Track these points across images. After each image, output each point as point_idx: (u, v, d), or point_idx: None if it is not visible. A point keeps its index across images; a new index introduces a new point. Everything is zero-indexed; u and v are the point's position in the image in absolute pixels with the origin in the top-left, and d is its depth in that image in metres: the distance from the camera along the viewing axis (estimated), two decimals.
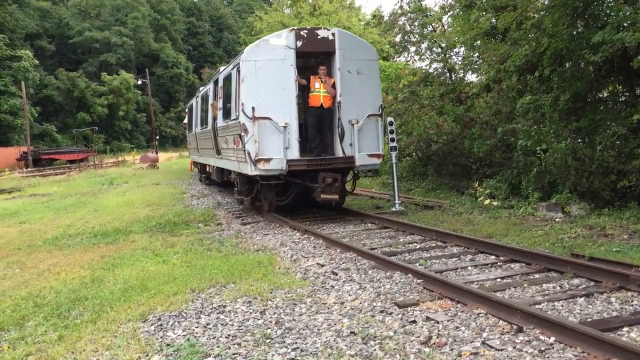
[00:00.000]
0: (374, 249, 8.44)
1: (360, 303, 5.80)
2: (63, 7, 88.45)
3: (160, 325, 5.41)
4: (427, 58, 20.45)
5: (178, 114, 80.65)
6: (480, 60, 16.79)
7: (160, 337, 5.12)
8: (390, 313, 5.43)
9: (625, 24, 9.15)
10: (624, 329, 4.70)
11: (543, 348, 4.38)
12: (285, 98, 10.73)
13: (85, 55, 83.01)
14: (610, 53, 9.53)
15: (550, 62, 11.34)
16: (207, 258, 8.29)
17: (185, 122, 26.01)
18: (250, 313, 5.65)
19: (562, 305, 5.41)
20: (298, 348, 4.68)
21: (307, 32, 11.05)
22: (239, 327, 5.27)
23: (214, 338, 5.02)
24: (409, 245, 8.77)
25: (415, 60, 21.47)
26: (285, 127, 10.66)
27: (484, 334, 4.74)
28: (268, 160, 10.58)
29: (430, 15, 19.66)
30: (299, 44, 10.87)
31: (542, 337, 4.57)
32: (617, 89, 11.89)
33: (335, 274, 7.02)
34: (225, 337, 5.03)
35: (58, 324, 5.65)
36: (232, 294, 6.28)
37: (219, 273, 7.23)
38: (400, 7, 19.95)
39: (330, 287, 6.50)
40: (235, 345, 4.82)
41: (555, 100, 11.39)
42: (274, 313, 5.61)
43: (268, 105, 10.63)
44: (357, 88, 11.20)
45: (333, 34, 11.10)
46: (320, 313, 5.55)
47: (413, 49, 20.76)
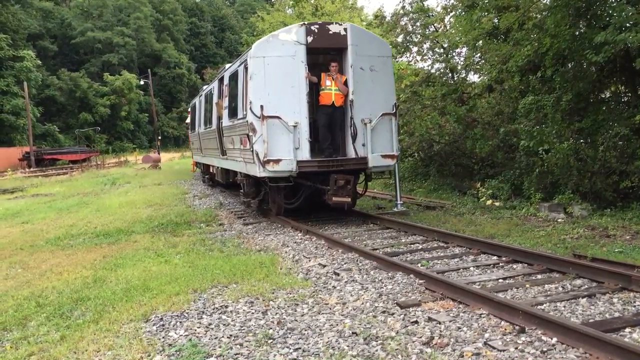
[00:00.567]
0: (376, 250, 8.44)
1: (362, 303, 5.80)
2: (65, 7, 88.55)
3: (163, 326, 5.42)
4: (429, 58, 20.45)
5: (180, 114, 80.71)
6: (483, 61, 16.79)
7: (162, 337, 5.13)
8: (392, 313, 5.43)
9: (628, 25, 9.14)
10: (626, 330, 4.70)
11: (545, 349, 4.37)
12: (295, 96, 10.32)
13: (88, 56, 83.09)
14: (613, 53, 9.52)
15: (553, 62, 11.32)
16: (209, 258, 8.29)
17: (188, 121, 25.80)
18: (252, 313, 5.65)
19: (564, 306, 5.41)
20: (300, 348, 4.68)
21: (318, 27, 10.59)
22: (241, 327, 5.28)
23: (216, 338, 5.02)
24: (411, 246, 8.77)
25: (418, 61, 21.44)
26: (295, 126, 10.24)
27: (486, 335, 4.74)
28: (277, 162, 10.16)
29: (433, 16, 19.64)
30: (310, 40, 10.45)
31: (544, 337, 4.57)
32: (619, 90, 11.87)
33: (337, 275, 7.02)
34: (227, 337, 5.03)
35: (60, 324, 5.66)
36: (234, 294, 6.29)
37: (221, 273, 7.24)
38: (403, 7, 19.93)
39: (332, 287, 6.50)
40: (237, 346, 4.82)
41: (558, 101, 11.38)
42: (276, 313, 5.62)
43: (277, 104, 10.23)
44: (370, 86, 10.76)
45: (345, 29, 10.64)
46: (322, 313, 5.55)
47: (415, 49, 20.72)
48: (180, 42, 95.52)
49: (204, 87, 19.52)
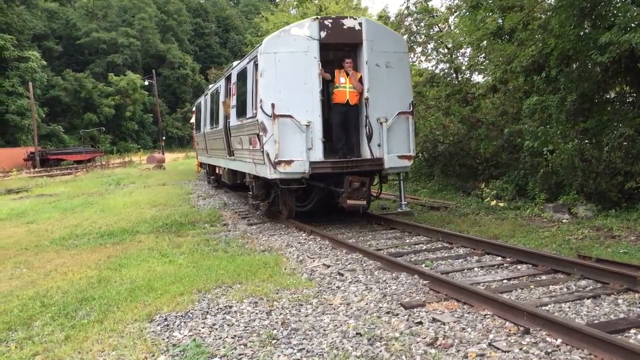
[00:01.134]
0: (380, 250, 8.43)
1: (366, 304, 5.80)
2: (70, 8, 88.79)
3: (167, 326, 5.43)
4: (433, 59, 20.46)
5: (184, 115, 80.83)
6: (487, 61, 16.75)
7: (167, 337, 5.14)
8: (397, 314, 5.43)
9: (633, 25, 9.11)
10: (632, 331, 4.69)
11: (550, 350, 4.36)
12: (308, 94, 9.90)
13: (93, 56, 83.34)
14: (618, 54, 9.49)
15: (557, 62, 11.29)
16: (213, 258, 8.30)
17: (192, 121, 25.68)
18: (256, 314, 5.66)
19: (569, 307, 5.40)
20: (304, 349, 4.68)
21: (331, 21, 10.11)
22: (245, 327, 5.28)
23: (220, 338, 5.03)
24: (415, 246, 8.76)
25: (422, 61, 21.45)
26: (308, 125, 9.82)
27: (491, 336, 4.73)
28: (289, 163, 9.74)
29: (437, 16, 19.64)
30: (323, 35, 9.99)
31: (549, 338, 4.56)
32: (624, 90, 11.83)
33: (341, 275, 7.02)
34: (232, 337, 5.04)
35: (65, 324, 5.68)
36: (238, 295, 6.29)
37: (225, 273, 7.25)
38: (407, 7, 19.93)
39: (336, 287, 6.50)
40: (242, 346, 4.83)
41: (562, 101, 11.35)
42: (280, 314, 5.62)
43: (289, 102, 9.80)
44: (386, 83, 10.31)
45: (360, 24, 10.18)
46: (326, 314, 5.55)
47: (419, 50, 20.73)
48: (185, 42, 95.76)
49: (210, 86, 19.10)
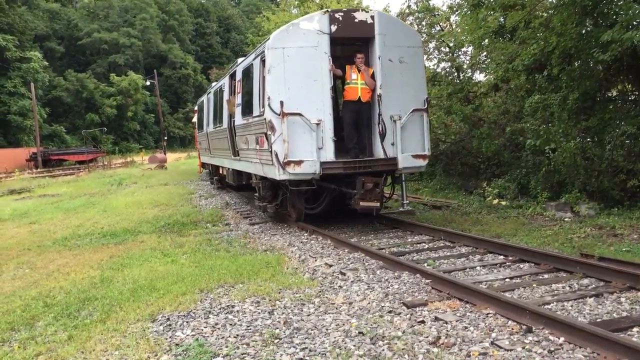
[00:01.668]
0: (382, 249, 8.44)
1: (369, 303, 5.80)
2: (72, 8, 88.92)
3: (169, 325, 5.44)
4: (435, 57, 20.40)
5: (186, 115, 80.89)
6: (489, 60, 16.73)
7: (169, 337, 5.15)
8: (399, 313, 5.43)
9: (635, 23, 9.09)
10: (634, 329, 4.68)
11: (552, 348, 4.36)
12: (318, 91, 9.47)
13: (94, 57, 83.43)
14: (620, 52, 9.47)
15: (559, 61, 11.27)
16: (215, 258, 8.31)
17: (194, 121, 25.52)
18: (259, 313, 5.66)
19: (571, 306, 5.39)
20: (306, 348, 4.68)
21: (342, 14, 9.65)
22: (248, 327, 5.29)
23: (223, 338, 5.04)
24: (417, 245, 8.75)
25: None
26: (319, 124, 9.38)
27: (493, 334, 4.73)
28: (299, 163, 9.30)
29: (438, 15, 19.60)
30: (334, 29, 9.54)
31: (551, 337, 4.56)
32: (626, 88, 11.81)
33: (344, 274, 7.02)
34: (234, 337, 5.04)
35: (68, 324, 5.69)
36: (240, 294, 6.30)
37: (228, 273, 7.25)
38: (408, 6, 19.91)
39: (339, 287, 6.50)
40: (244, 345, 4.83)
41: (564, 100, 11.33)
42: (282, 313, 5.62)
43: (298, 100, 9.39)
44: (399, 79, 9.87)
45: (372, 17, 9.71)
46: (329, 313, 5.56)
47: None
48: (186, 42, 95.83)
49: (213, 84, 18.73)
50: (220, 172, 18.17)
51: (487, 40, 15.09)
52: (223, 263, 7.85)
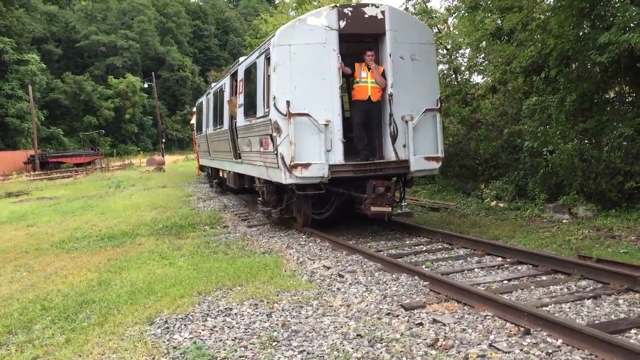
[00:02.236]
0: (380, 251, 8.44)
1: (367, 305, 5.79)
2: (70, 11, 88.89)
3: (167, 328, 5.43)
4: None
5: (184, 117, 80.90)
6: (486, 62, 16.75)
7: (167, 340, 5.14)
8: (397, 315, 5.42)
9: (632, 25, 9.11)
10: (632, 331, 4.69)
11: (551, 350, 4.36)
12: (327, 90, 9.06)
13: (92, 59, 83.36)
14: (617, 54, 9.48)
15: (557, 63, 11.29)
16: (213, 261, 8.30)
17: (193, 122, 25.25)
18: (257, 316, 5.66)
19: (569, 307, 5.40)
20: (304, 351, 4.68)
21: (351, 9, 9.24)
22: (246, 329, 5.28)
23: (221, 341, 5.03)
24: (415, 247, 8.76)
25: None
26: (327, 125, 8.94)
27: (491, 336, 4.73)
28: (306, 166, 8.90)
29: (436, 17, 19.63)
30: (342, 24, 9.10)
31: (549, 339, 4.56)
32: (623, 90, 11.82)
33: (342, 277, 7.02)
34: (232, 339, 5.04)
35: (65, 327, 5.68)
36: (238, 297, 6.29)
37: (226, 276, 7.24)
38: (406, 8, 19.93)
39: (337, 289, 6.50)
40: (242, 348, 4.83)
41: (562, 101, 11.35)
42: (281, 315, 5.62)
43: (306, 99, 8.97)
44: (411, 77, 9.45)
45: (383, 12, 9.27)
46: (327, 315, 5.55)
47: None
48: (184, 44, 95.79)
49: (213, 84, 18.37)
50: (221, 175, 17.70)
51: (484, 42, 15.12)
52: (221, 265, 7.84)
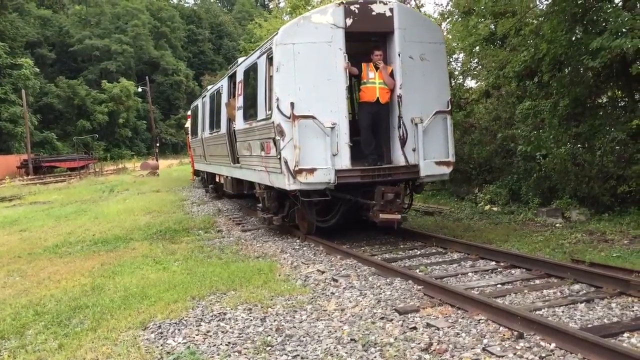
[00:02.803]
0: (375, 256, 8.44)
1: (361, 310, 5.79)
2: (63, 15, 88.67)
3: (161, 333, 5.41)
4: None
5: (178, 121, 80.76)
6: (480, 66, 16.82)
7: (161, 345, 5.12)
8: (391, 319, 5.43)
9: (624, 30, 9.17)
10: (625, 335, 4.70)
11: (544, 354, 4.37)
12: (333, 91, 8.66)
13: (86, 63, 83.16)
14: (609, 59, 9.55)
15: (550, 67, 11.35)
16: (207, 265, 8.28)
17: (187, 126, 25.00)
18: (251, 320, 5.65)
19: (562, 311, 5.41)
20: (298, 355, 4.68)
21: (358, 6, 8.79)
22: (240, 334, 5.27)
23: (215, 346, 5.02)
24: (410, 252, 8.77)
25: None
26: (333, 128, 8.54)
27: (485, 341, 4.74)
28: (311, 171, 8.46)
29: None
30: (349, 22, 8.70)
31: (542, 343, 4.57)
32: (616, 95, 11.90)
33: (336, 281, 7.02)
34: (226, 344, 5.03)
35: (58, 333, 5.66)
36: (232, 301, 6.28)
37: (220, 280, 7.23)
38: None
39: (331, 294, 6.50)
40: (236, 353, 4.82)
41: (555, 106, 11.41)
42: (275, 320, 5.61)
43: (310, 101, 8.57)
44: (421, 78, 9.05)
45: (391, 10, 8.86)
46: (321, 320, 5.55)
47: None
48: (178, 49, 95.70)
49: (209, 87, 17.83)
50: (217, 180, 17.03)
51: (478, 47, 15.18)
52: (215, 270, 7.83)
